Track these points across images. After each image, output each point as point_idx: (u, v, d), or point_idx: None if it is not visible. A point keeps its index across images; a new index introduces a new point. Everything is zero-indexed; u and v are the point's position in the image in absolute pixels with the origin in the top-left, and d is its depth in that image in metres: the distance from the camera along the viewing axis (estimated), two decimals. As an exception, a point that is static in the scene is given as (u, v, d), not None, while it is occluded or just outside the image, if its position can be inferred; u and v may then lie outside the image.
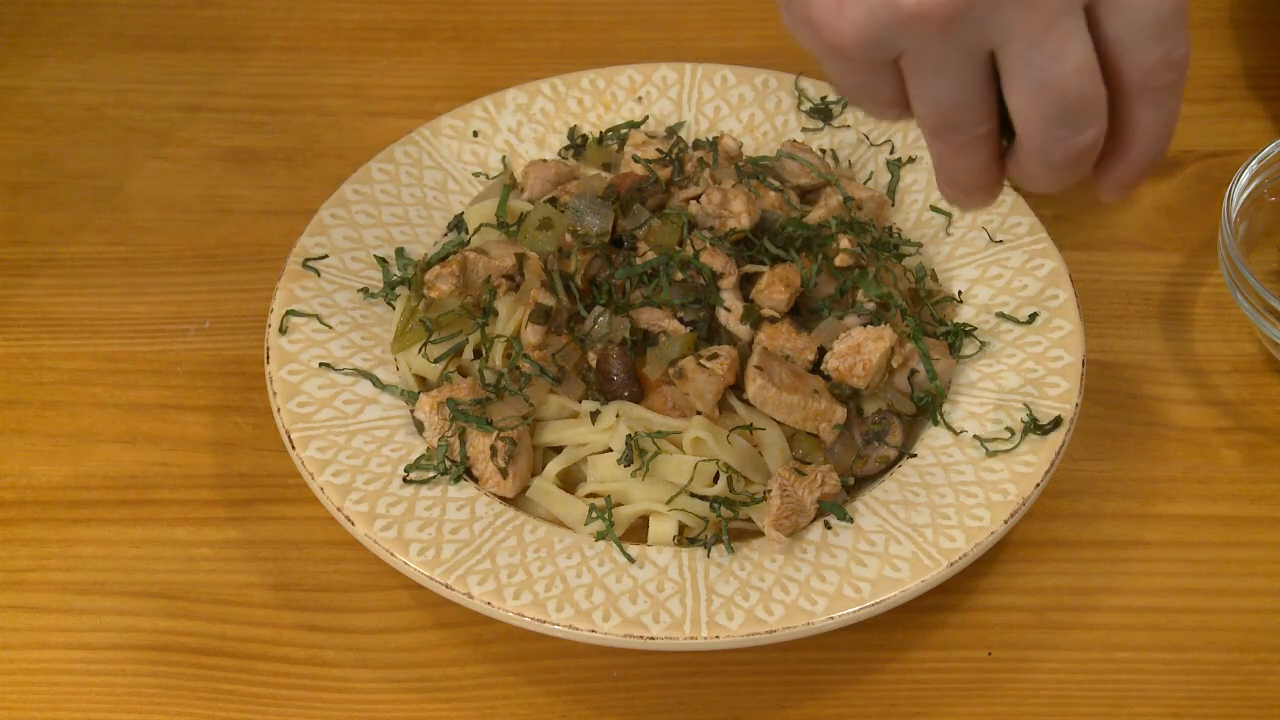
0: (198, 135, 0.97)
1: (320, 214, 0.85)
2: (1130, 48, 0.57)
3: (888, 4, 0.56)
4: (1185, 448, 0.82)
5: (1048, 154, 0.59)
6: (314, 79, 1.01)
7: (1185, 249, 0.91)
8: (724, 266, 0.78)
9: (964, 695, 0.73)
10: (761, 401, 0.75)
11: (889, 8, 0.56)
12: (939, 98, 0.58)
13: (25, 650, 0.74)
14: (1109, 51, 0.57)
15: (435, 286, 0.80)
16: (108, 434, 0.82)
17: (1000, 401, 0.77)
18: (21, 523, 0.79)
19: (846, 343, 0.77)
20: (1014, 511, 0.73)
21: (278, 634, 0.75)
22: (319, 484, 0.73)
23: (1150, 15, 0.56)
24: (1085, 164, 0.60)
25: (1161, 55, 0.57)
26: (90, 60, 1.02)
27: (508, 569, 0.71)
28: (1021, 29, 0.56)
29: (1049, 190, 0.62)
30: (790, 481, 0.73)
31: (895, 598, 0.70)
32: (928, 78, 0.58)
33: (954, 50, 0.57)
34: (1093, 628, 0.75)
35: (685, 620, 0.69)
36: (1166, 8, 0.56)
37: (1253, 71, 1.01)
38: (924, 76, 0.58)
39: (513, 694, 0.73)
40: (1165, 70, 0.58)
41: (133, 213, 0.93)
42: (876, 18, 0.56)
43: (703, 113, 0.92)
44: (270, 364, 0.78)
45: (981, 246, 0.85)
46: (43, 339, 0.87)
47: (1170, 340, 0.87)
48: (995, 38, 0.56)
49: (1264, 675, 0.73)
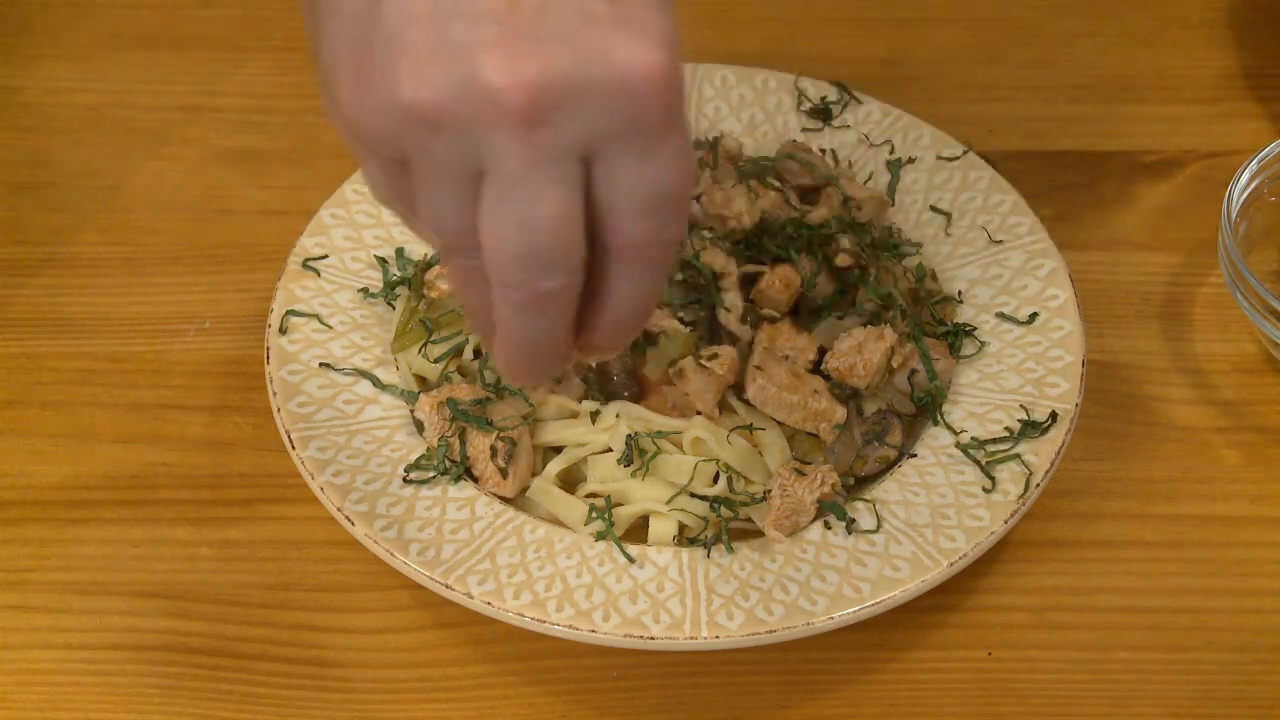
0: (198, 135, 0.97)
1: (320, 214, 0.85)
2: (618, 215, 0.53)
3: (392, 92, 0.51)
4: (1185, 448, 0.82)
5: (509, 294, 0.53)
6: (314, 79, 1.00)
7: (1185, 249, 0.91)
8: (724, 266, 0.78)
9: (964, 695, 0.73)
10: (761, 401, 0.75)
11: (393, 96, 0.51)
12: (434, 211, 0.54)
13: (25, 650, 0.74)
14: (598, 210, 0.53)
15: (435, 286, 0.80)
16: (108, 434, 0.82)
17: (1000, 402, 0.77)
18: (21, 523, 0.79)
19: (847, 343, 0.77)
20: (1014, 511, 0.73)
21: (278, 634, 0.75)
22: (319, 484, 0.73)
23: (645, 190, 0.52)
24: (552, 313, 0.54)
25: (646, 232, 0.53)
26: (90, 60, 1.02)
27: (508, 569, 0.71)
28: (508, 159, 0.51)
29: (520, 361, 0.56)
30: (790, 481, 0.73)
31: (895, 598, 0.70)
32: (421, 184, 0.53)
33: (445, 162, 0.52)
34: (1093, 628, 0.75)
35: (685, 620, 0.69)
36: (663, 187, 0.52)
37: (1253, 71, 1.01)
38: (419, 182, 0.53)
39: (513, 694, 0.73)
40: (649, 246, 0.54)
41: (133, 213, 0.93)
42: (384, 107, 0.52)
43: (703, 113, 0.92)
44: (270, 364, 0.78)
45: (981, 246, 0.85)
46: (43, 339, 0.86)
47: (1170, 340, 0.87)
48: (484, 160, 0.51)
49: (1264, 675, 0.73)
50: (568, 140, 0.51)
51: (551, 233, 0.52)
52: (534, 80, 0.50)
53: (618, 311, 0.56)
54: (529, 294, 0.53)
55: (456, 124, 0.51)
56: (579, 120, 0.51)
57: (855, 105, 0.91)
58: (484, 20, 0.50)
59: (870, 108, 0.91)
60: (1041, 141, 0.97)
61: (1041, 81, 1.01)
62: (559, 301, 0.54)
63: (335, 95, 0.54)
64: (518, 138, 0.50)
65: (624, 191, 0.52)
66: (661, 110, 0.51)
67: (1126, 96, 1.00)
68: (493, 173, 0.52)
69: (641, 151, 0.52)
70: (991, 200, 0.86)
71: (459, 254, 0.54)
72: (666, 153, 0.52)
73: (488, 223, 0.52)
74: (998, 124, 0.98)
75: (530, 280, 0.53)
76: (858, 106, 0.91)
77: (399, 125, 0.52)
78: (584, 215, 0.53)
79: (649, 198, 0.53)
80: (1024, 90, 1.00)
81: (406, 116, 0.51)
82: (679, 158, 0.52)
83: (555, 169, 0.51)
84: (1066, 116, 0.98)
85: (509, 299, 0.54)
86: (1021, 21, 1.05)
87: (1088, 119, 0.98)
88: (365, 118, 0.53)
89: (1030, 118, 0.98)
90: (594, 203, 0.53)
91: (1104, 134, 0.97)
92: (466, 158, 0.52)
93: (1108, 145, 0.97)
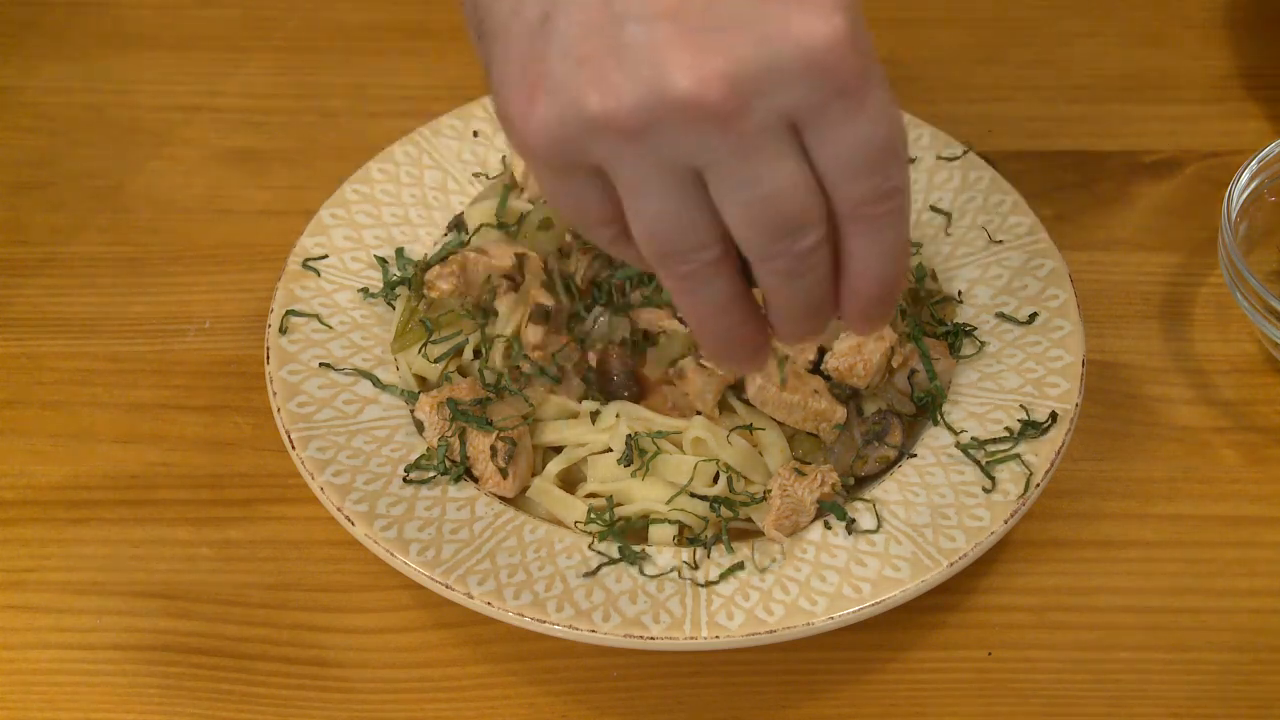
0: (198, 135, 0.97)
1: (320, 214, 0.85)
2: (840, 179, 0.53)
3: (575, 104, 0.51)
4: (1185, 448, 0.82)
5: (775, 266, 0.54)
6: (314, 79, 1.01)
7: (1185, 249, 0.91)
8: (724, 266, 0.78)
9: (964, 695, 0.73)
10: (761, 401, 0.75)
11: (576, 107, 0.51)
12: (648, 216, 0.53)
13: (25, 650, 0.74)
14: (822, 179, 0.54)
15: (435, 286, 0.80)
16: (108, 434, 0.82)
17: (1000, 402, 0.77)
18: (21, 523, 0.79)
19: (847, 343, 0.77)
20: (1014, 511, 0.73)
21: (278, 634, 0.75)
22: (319, 484, 0.73)
23: (858, 149, 0.53)
24: (816, 269, 0.55)
25: (871, 188, 0.54)
26: (90, 60, 1.02)
27: (508, 569, 0.71)
28: (721, 150, 0.51)
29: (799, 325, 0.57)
30: (790, 481, 0.73)
31: (895, 598, 0.70)
32: (631, 193, 0.53)
33: (653, 166, 0.52)
34: (1093, 628, 0.75)
35: (685, 620, 0.69)
36: (877, 142, 0.53)
37: (1253, 71, 1.01)
38: (628, 191, 0.53)
39: (513, 694, 0.73)
40: (877, 202, 0.54)
41: (133, 213, 0.93)
42: (566, 119, 0.51)
43: (703, 113, 0.91)
44: (270, 364, 0.78)
45: (981, 246, 0.85)
46: (43, 339, 0.86)
47: (1170, 340, 0.87)
48: (698, 158, 0.52)
49: (1264, 675, 0.73)
50: (772, 120, 0.51)
51: (791, 198, 0.52)
52: (722, 72, 0.50)
53: (870, 272, 0.56)
54: (792, 258, 0.54)
55: (655, 130, 0.51)
56: (776, 99, 0.51)
57: (855, 105, 0.91)
58: (658, 19, 0.50)
59: (870, 108, 0.91)
60: (1041, 141, 0.97)
61: (1041, 81, 1.01)
62: (818, 256, 0.54)
63: (508, 114, 0.54)
64: (723, 131, 0.51)
65: (839, 156, 0.53)
66: (853, 72, 0.51)
67: (1126, 96, 1.00)
68: (711, 167, 0.52)
69: (845, 115, 0.52)
70: (991, 200, 0.86)
71: (678, 258, 0.54)
72: (869, 109, 0.52)
73: (731, 210, 0.53)
74: (998, 124, 0.98)
75: (789, 245, 0.53)
76: (858, 106, 0.91)
77: (588, 137, 0.52)
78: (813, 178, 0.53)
79: (864, 156, 0.53)
80: (1024, 90, 1.00)
81: (597, 128, 0.51)
82: (882, 111, 0.53)
83: (769, 147, 0.52)
84: (1066, 116, 0.98)
85: (776, 270, 0.54)
86: (1021, 21, 1.05)
87: (1088, 119, 0.98)
88: (545, 131, 0.52)
89: (1030, 118, 0.98)
90: (817, 173, 0.53)
91: (1104, 134, 0.97)
92: (675, 159, 0.52)
93: (1107, 145, 0.97)
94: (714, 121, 0.51)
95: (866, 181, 0.53)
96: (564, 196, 0.56)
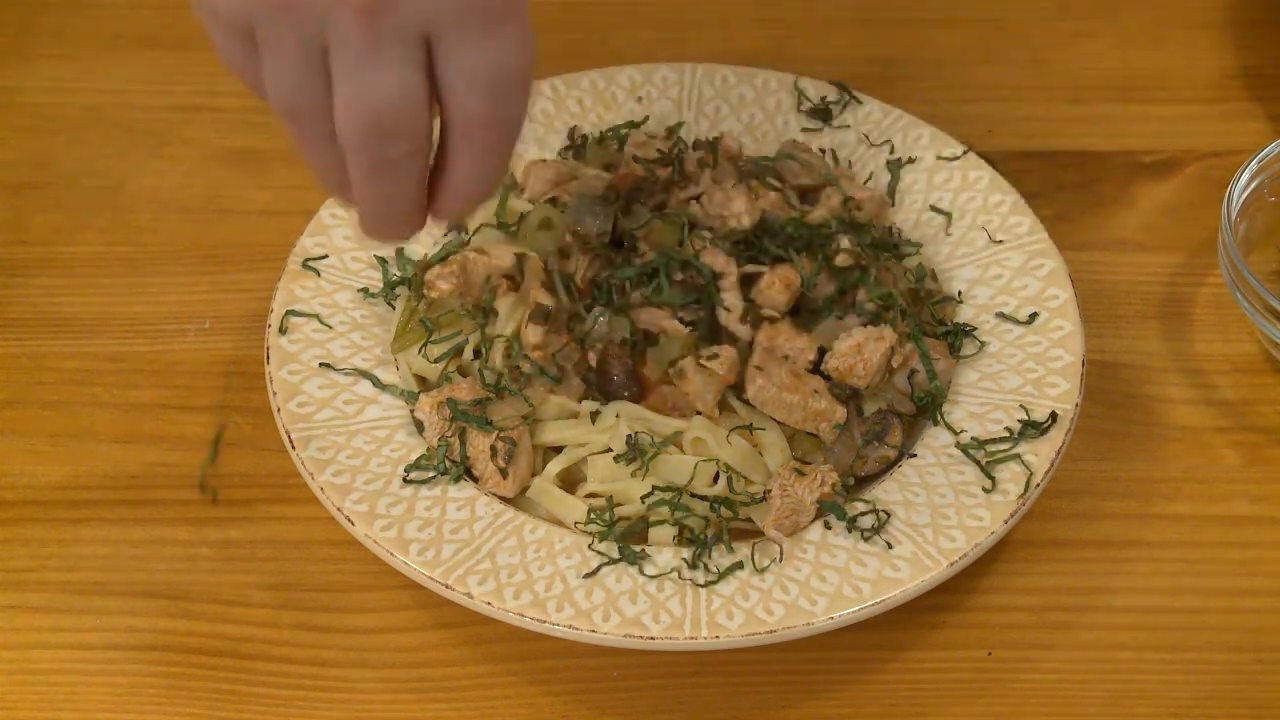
0: (198, 135, 0.97)
1: (320, 214, 0.85)
2: (458, 92, 0.58)
3: None
4: (1185, 448, 0.82)
5: (359, 161, 0.59)
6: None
7: (1185, 249, 0.91)
8: (724, 266, 0.78)
9: (964, 695, 0.73)
10: (761, 401, 0.75)
11: None
12: (276, 80, 0.58)
13: (25, 650, 0.74)
14: (442, 89, 0.58)
15: (435, 286, 0.80)
16: (108, 434, 0.82)
17: (1000, 402, 0.77)
18: (21, 523, 0.79)
19: (847, 343, 0.77)
20: (1014, 511, 0.73)
21: (278, 634, 0.75)
22: (319, 484, 0.73)
23: (483, 69, 0.57)
24: (399, 179, 0.60)
25: (487, 111, 0.58)
26: (90, 60, 1.02)
27: (508, 569, 0.71)
28: (350, 39, 0.56)
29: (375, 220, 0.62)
30: (790, 481, 0.73)
31: (895, 598, 0.70)
32: (266, 57, 0.58)
33: (289, 30, 0.57)
34: (1093, 628, 0.75)
35: (685, 620, 0.69)
36: (503, 69, 0.57)
37: (1253, 71, 1.01)
38: (264, 55, 0.58)
39: (513, 694, 0.73)
40: (488, 124, 0.58)
41: (133, 213, 0.93)
42: None
43: (703, 113, 0.92)
44: (270, 364, 0.78)
45: (981, 246, 0.85)
46: (43, 339, 0.86)
47: (1170, 340, 0.87)
48: (328, 39, 0.56)
49: (1264, 675, 0.73)
50: (408, 23, 0.56)
51: (392, 106, 0.57)
52: None
53: (460, 184, 0.60)
54: (375, 161, 0.58)
55: (302, 4, 0.56)
56: (418, 5, 0.55)
57: (855, 105, 0.91)
58: None
59: (870, 108, 0.91)
60: (1041, 141, 0.97)
61: (1041, 81, 1.01)
62: (404, 169, 0.59)
63: None
64: (360, 22, 0.55)
65: (464, 70, 0.57)
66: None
67: (1126, 96, 1.00)
68: (337, 50, 0.56)
69: (481, 33, 0.56)
70: (991, 200, 0.86)
71: (298, 121, 0.59)
72: (505, 35, 0.56)
73: (337, 95, 0.57)
74: (998, 124, 0.98)
75: (377, 148, 0.58)
76: (858, 106, 0.91)
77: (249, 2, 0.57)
78: (428, 93, 0.57)
79: (488, 77, 0.57)
80: (1024, 90, 1.00)
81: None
82: (517, 40, 0.57)
83: (396, 49, 0.56)
84: (1066, 116, 0.99)
85: (360, 165, 0.59)
86: (1021, 21, 1.05)
87: (1087, 119, 0.98)
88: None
89: (1030, 118, 0.98)
90: (439, 82, 0.57)
91: (1104, 134, 0.97)
92: (311, 34, 0.56)
93: (1107, 145, 0.97)
94: (353, 11, 0.55)
95: (484, 103, 0.57)
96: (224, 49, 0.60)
